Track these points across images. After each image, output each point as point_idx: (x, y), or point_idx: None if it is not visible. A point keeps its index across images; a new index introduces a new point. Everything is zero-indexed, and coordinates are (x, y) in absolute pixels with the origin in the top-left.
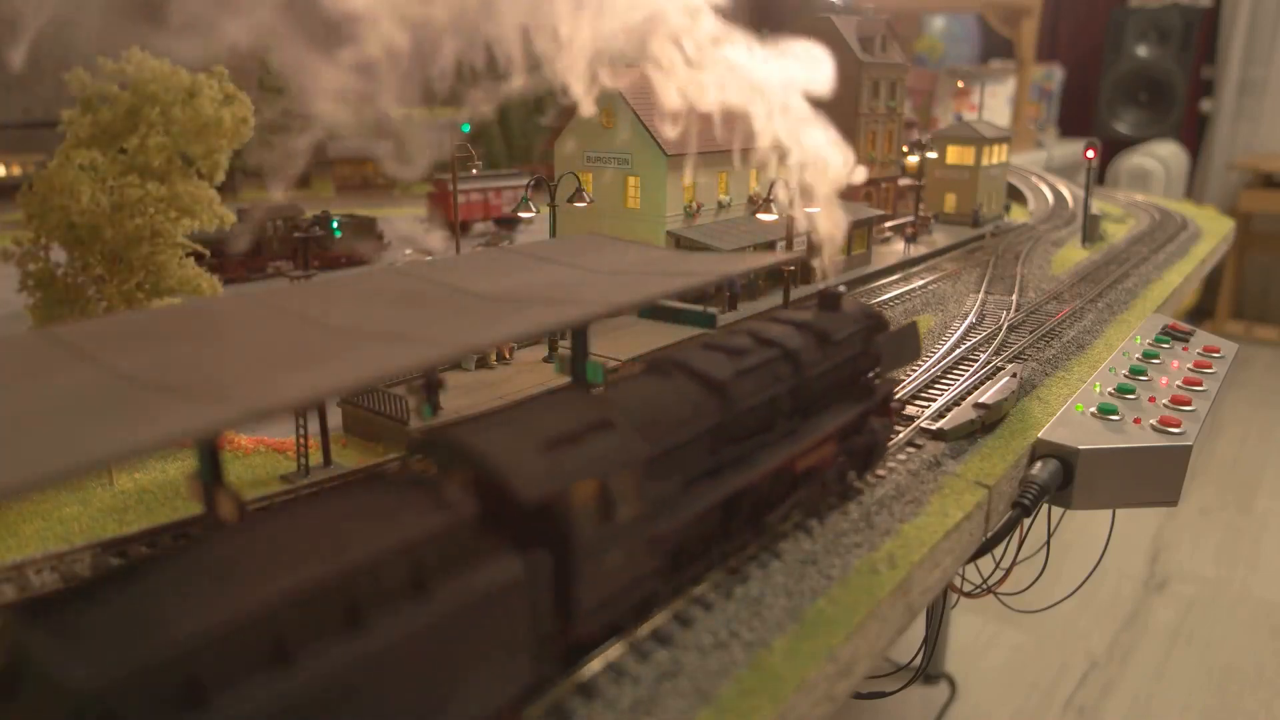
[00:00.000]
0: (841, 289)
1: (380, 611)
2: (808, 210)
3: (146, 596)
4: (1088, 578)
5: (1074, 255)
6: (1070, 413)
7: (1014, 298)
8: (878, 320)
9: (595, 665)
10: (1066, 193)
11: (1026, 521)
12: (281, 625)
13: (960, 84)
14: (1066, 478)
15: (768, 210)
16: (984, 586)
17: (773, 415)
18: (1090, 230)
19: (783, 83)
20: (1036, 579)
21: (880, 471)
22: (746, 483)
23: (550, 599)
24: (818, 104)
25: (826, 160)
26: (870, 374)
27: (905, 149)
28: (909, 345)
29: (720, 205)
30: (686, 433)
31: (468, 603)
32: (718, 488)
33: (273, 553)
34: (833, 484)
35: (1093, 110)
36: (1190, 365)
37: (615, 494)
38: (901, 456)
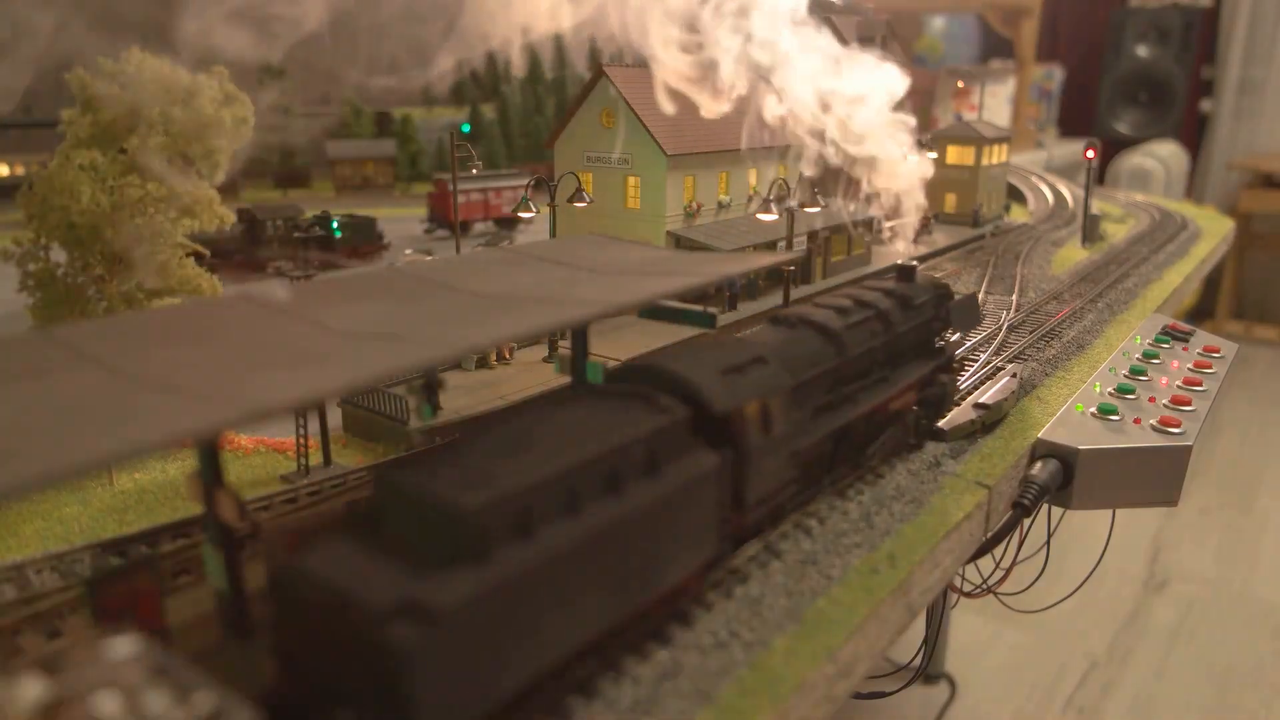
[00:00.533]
0: (914, 263)
1: (630, 482)
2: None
3: (484, 460)
4: (1088, 578)
5: (1074, 255)
6: (1070, 413)
7: (1014, 298)
8: (945, 290)
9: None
10: (1066, 193)
11: (1026, 521)
12: (573, 484)
13: (960, 84)
14: (1066, 478)
15: (768, 210)
16: (984, 586)
17: (870, 364)
18: (1090, 230)
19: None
20: (1036, 579)
21: (880, 471)
22: (853, 416)
23: (729, 490)
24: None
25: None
26: (939, 336)
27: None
28: (971, 313)
29: (720, 205)
30: (812, 372)
31: (682, 484)
32: (834, 419)
33: (559, 434)
34: (911, 428)
35: (1093, 110)
36: (1190, 365)
37: (772, 413)
38: (901, 456)
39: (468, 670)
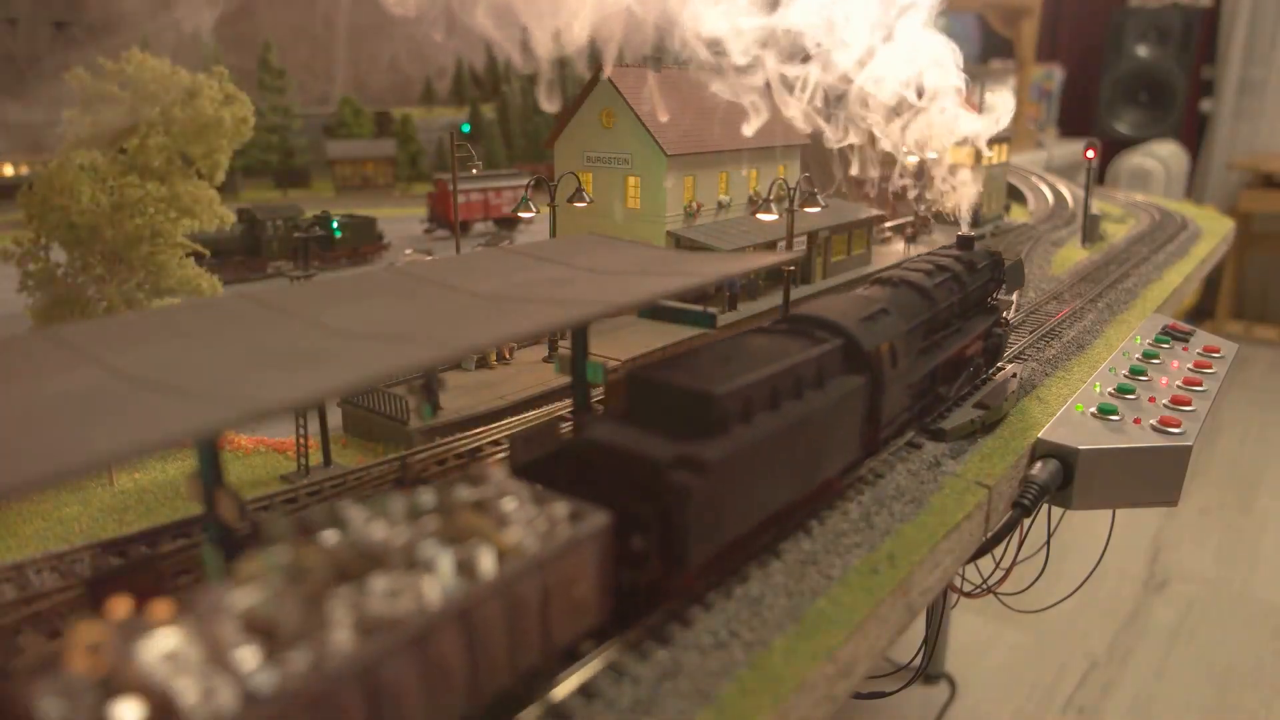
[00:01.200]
0: (973, 234)
1: (808, 390)
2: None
3: (711, 365)
4: (1088, 578)
5: (1074, 255)
6: (1070, 413)
7: (1014, 298)
8: (998, 257)
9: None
10: (1066, 193)
11: (1026, 521)
12: (774, 386)
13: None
14: (1066, 478)
15: (768, 210)
16: (984, 586)
17: (951, 317)
18: (1090, 230)
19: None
20: (1036, 579)
21: (880, 471)
22: (942, 359)
23: (867, 409)
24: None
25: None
26: (992, 296)
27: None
28: (1018, 275)
29: (720, 205)
30: (916, 321)
31: (840, 398)
32: (930, 360)
33: (757, 353)
34: (977, 371)
35: (1093, 110)
36: (1190, 365)
37: (897, 352)
38: (901, 456)
39: (715, 513)
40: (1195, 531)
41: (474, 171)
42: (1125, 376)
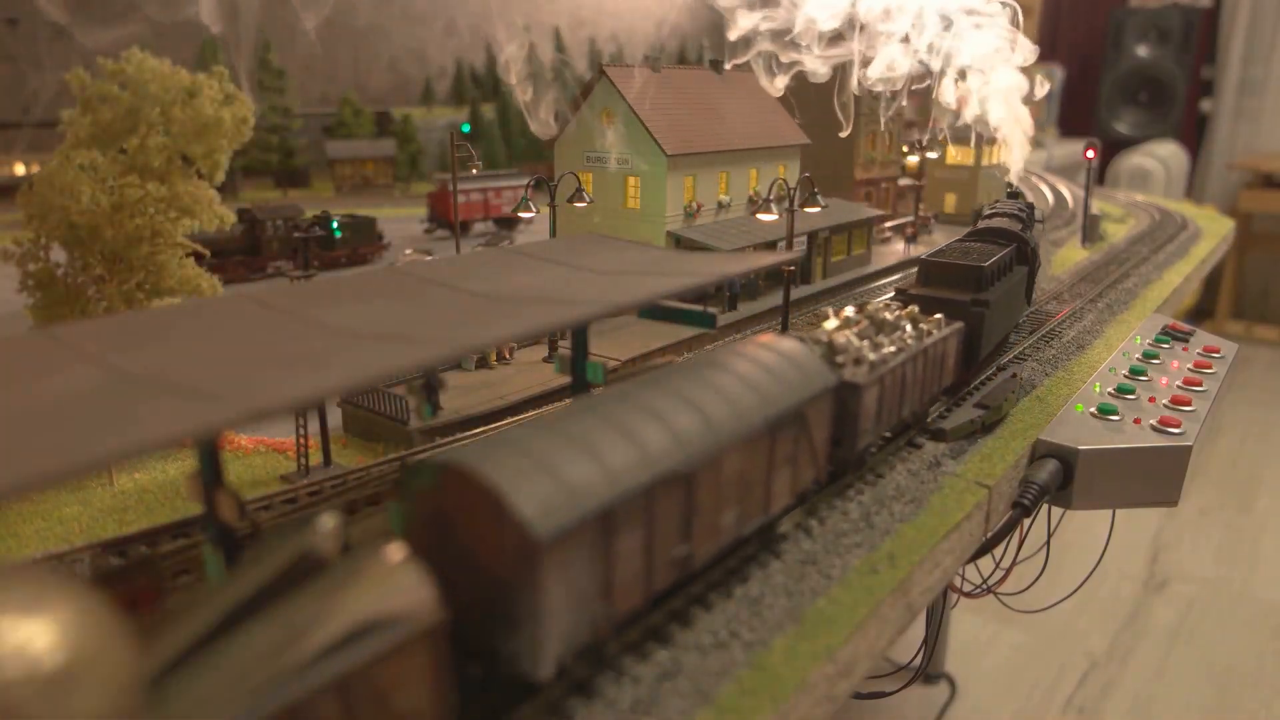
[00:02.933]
0: (1018, 188)
1: (1007, 272)
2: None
3: (964, 255)
4: (1088, 578)
5: (1074, 255)
6: (1070, 413)
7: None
8: (1032, 206)
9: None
10: (1066, 193)
11: (1026, 521)
12: (998, 267)
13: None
14: (1066, 478)
15: (768, 210)
16: (984, 586)
17: (1020, 256)
18: (1090, 230)
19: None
20: (1036, 579)
21: (880, 471)
22: (1017, 281)
23: (1028, 284)
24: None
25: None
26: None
27: (905, 149)
28: (1039, 220)
29: (720, 205)
30: (1003, 263)
31: (1022, 275)
32: (1011, 284)
33: (978, 250)
34: (1028, 298)
35: (1093, 110)
36: (1190, 365)
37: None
38: (902, 456)
39: (989, 330)
40: (1195, 531)
41: (474, 171)
42: (1125, 376)
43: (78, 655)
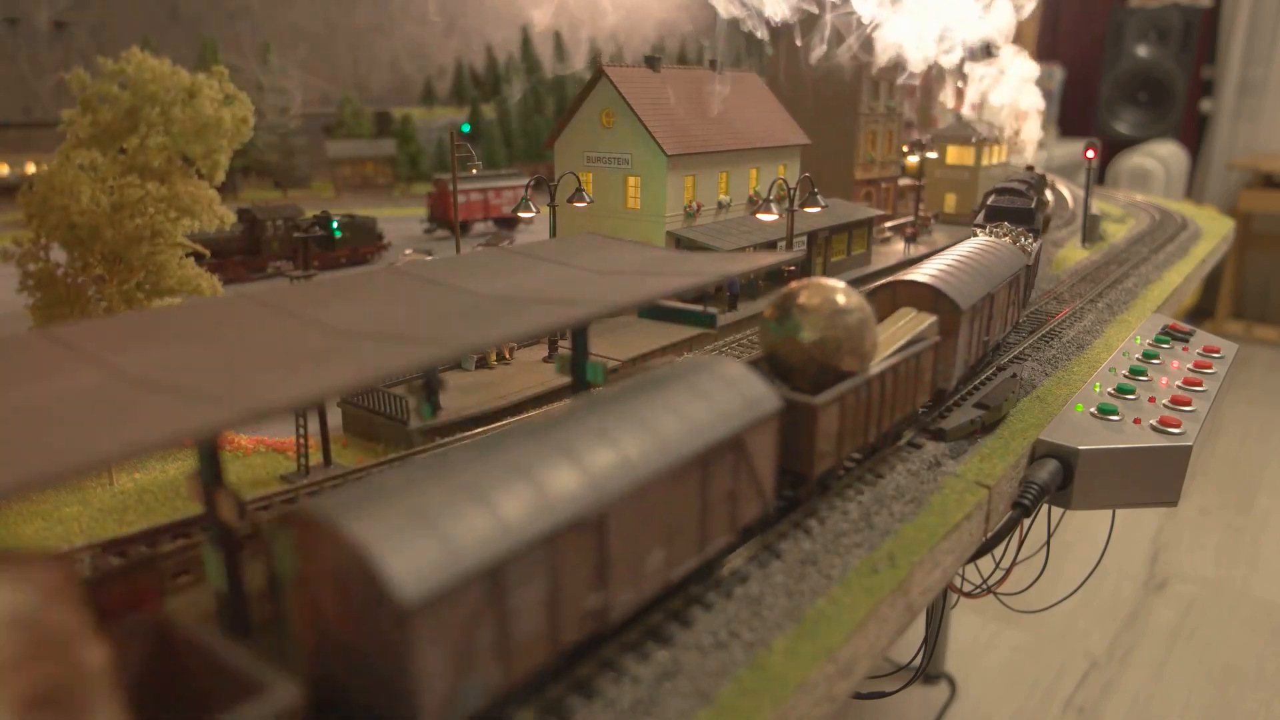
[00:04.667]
0: (1031, 163)
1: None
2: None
3: (1010, 197)
4: (1088, 578)
5: (1074, 255)
6: (1070, 413)
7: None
8: (1042, 177)
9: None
10: (1066, 193)
11: (1026, 521)
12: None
13: (960, 84)
14: (1066, 478)
15: (768, 210)
16: (984, 586)
17: (1037, 224)
18: (1090, 230)
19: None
20: (1036, 579)
21: (880, 471)
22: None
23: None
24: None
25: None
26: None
27: (905, 149)
28: (1048, 191)
29: (720, 205)
30: (1028, 224)
31: (1037, 251)
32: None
33: (1011, 209)
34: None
35: (1093, 110)
36: (1190, 365)
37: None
38: (902, 456)
39: (1036, 267)
40: (1195, 531)
41: (474, 171)
42: (1125, 376)
43: None
